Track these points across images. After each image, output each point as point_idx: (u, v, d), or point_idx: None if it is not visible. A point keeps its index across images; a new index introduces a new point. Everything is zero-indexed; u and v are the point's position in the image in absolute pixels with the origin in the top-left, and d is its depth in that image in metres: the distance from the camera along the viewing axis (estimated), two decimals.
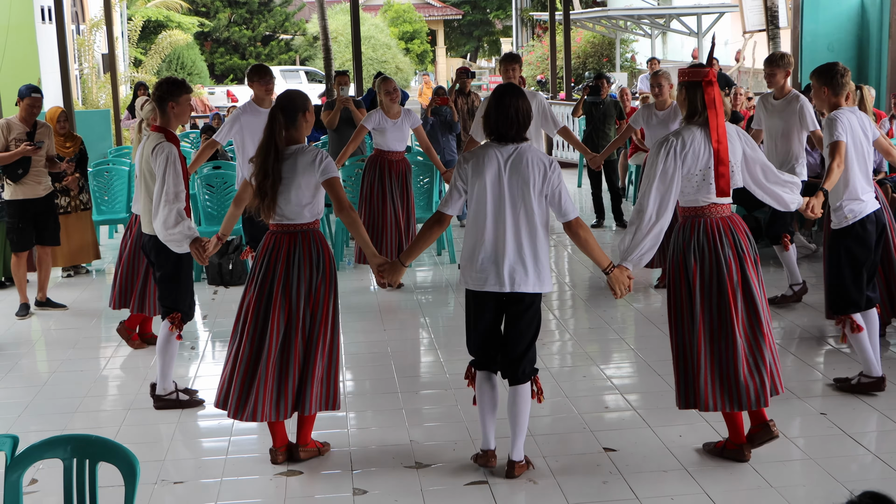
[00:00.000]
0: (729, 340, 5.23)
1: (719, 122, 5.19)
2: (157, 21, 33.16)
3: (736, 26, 28.49)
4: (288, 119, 5.38)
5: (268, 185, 5.31)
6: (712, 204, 5.24)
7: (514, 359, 5.23)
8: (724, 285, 5.21)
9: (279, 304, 5.40)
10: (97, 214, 11.38)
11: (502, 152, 5.10)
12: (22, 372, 7.54)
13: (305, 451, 5.63)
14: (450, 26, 53.40)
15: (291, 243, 5.43)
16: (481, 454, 5.41)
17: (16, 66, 18.17)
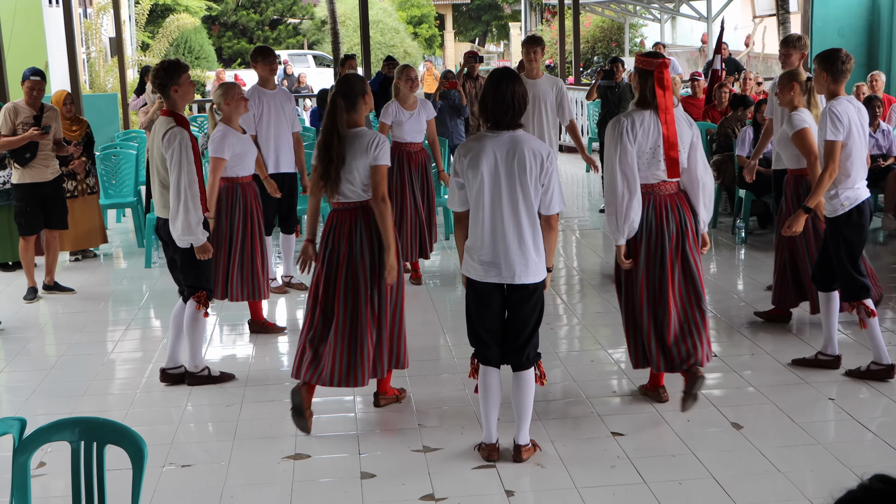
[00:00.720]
0: (665, 308, 5.78)
1: (668, 107, 5.66)
2: (165, 5, 33.15)
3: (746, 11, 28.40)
4: (348, 104, 5.64)
5: (332, 168, 5.57)
6: (662, 181, 5.73)
7: (518, 346, 5.25)
8: (665, 258, 5.75)
9: (346, 277, 5.68)
10: (105, 198, 11.38)
11: (498, 142, 5.07)
12: (30, 355, 7.56)
13: (385, 399, 6.16)
14: (458, 10, 53.25)
15: (353, 220, 5.70)
16: (484, 446, 5.39)
17: (23, 50, 18.17)
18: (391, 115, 8.92)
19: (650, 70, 5.69)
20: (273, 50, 8.82)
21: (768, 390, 6.25)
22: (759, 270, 9.28)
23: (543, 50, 8.94)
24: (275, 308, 8.56)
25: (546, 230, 5.18)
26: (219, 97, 7.47)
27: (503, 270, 5.09)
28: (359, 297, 5.66)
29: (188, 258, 6.47)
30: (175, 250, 6.50)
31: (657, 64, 5.68)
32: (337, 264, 5.70)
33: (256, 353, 7.41)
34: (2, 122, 8.78)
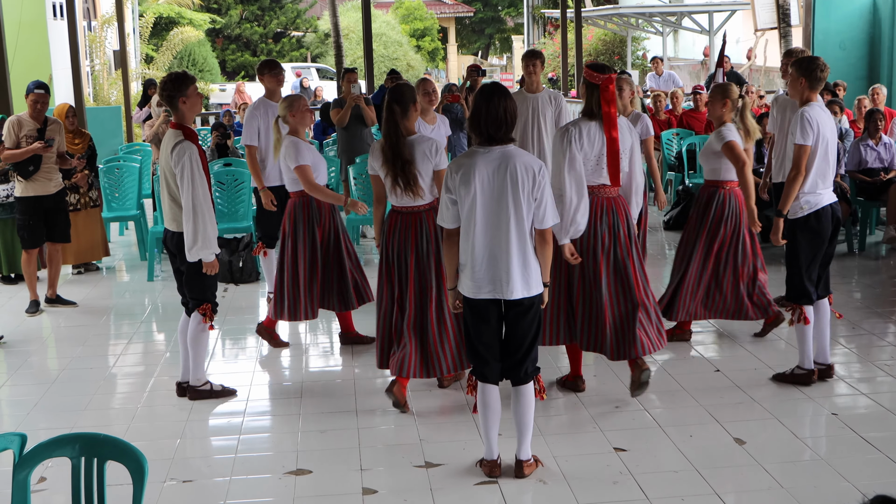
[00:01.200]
0: (599, 299, 6.22)
1: (613, 121, 6.02)
2: (169, 17, 33.19)
3: (748, 24, 28.43)
4: (403, 110, 6.02)
5: (409, 168, 5.99)
6: (602, 185, 6.15)
7: (516, 361, 5.22)
8: (598, 255, 6.19)
9: (416, 278, 6.16)
10: (108, 211, 11.38)
11: (489, 157, 5.04)
12: (31, 369, 7.55)
13: (447, 380, 6.69)
14: (461, 23, 53.34)
15: (418, 223, 6.16)
16: (486, 463, 5.37)
17: (27, 63, 18.22)
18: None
19: (596, 84, 6.03)
20: (279, 63, 8.81)
21: (771, 405, 6.24)
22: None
23: (543, 64, 8.90)
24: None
25: (541, 244, 5.15)
26: (284, 109, 7.39)
27: (497, 286, 5.05)
28: (425, 296, 6.16)
29: (194, 271, 6.47)
30: (182, 262, 6.51)
31: (603, 78, 6.01)
32: (406, 265, 6.15)
33: (258, 368, 7.40)
34: (6, 135, 8.79)
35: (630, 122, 8.82)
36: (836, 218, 6.47)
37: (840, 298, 8.49)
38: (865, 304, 8.61)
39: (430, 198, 6.15)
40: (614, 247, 6.20)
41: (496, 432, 5.31)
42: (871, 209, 10.84)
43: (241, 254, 10.00)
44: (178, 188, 6.28)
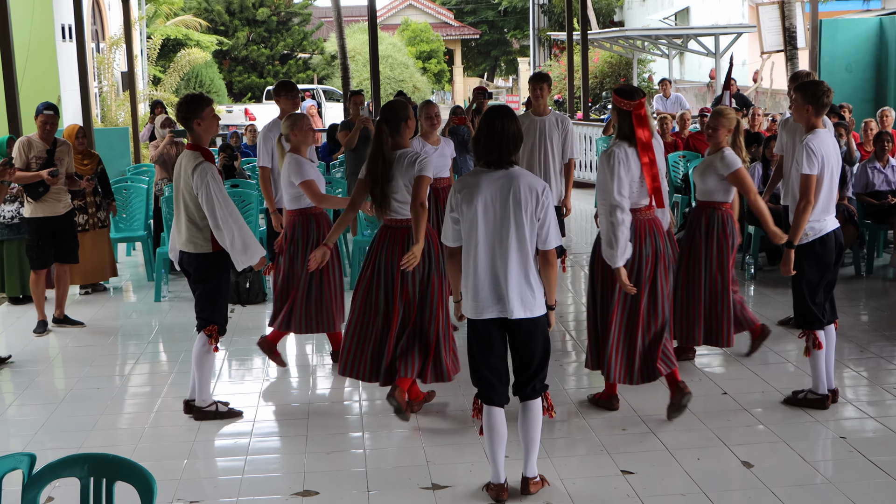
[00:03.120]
0: (634, 327, 6.26)
1: (648, 143, 6.05)
2: (177, 39, 33.31)
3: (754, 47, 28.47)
4: (392, 129, 6.18)
5: (378, 190, 6.18)
6: (644, 207, 6.18)
7: (526, 379, 5.21)
8: (641, 281, 6.18)
9: (401, 291, 6.30)
10: (115, 232, 11.41)
11: (493, 178, 5.06)
12: (39, 389, 7.56)
13: (417, 404, 6.63)
14: (467, 45, 53.51)
15: (405, 237, 6.27)
16: (493, 486, 5.32)
17: (36, 84, 18.28)
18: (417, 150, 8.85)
19: (628, 111, 6.08)
20: (295, 85, 8.79)
21: (779, 428, 6.23)
22: (769, 306, 9.27)
23: (550, 87, 8.92)
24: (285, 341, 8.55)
25: (545, 266, 5.14)
26: (287, 128, 7.44)
27: (500, 306, 5.05)
28: (410, 306, 6.31)
29: (207, 291, 6.51)
30: (195, 282, 6.54)
31: (634, 105, 6.07)
32: (393, 280, 6.28)
33: (265, 389, 7.40)
34: (15, 155, 8.82)
35: None
36: (839, 243, 6.48)
37: (847, 321, 8.49)
38: (873, 327, 8.59)
39: None
40: (655, 271, 6.24)
41: (503, 455, 5.28)
42: (878, 232, 10.83)
43: (247, 275, 10.01)
44: (196, 209, 6.31)
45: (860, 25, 18.69)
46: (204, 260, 6.45)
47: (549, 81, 8.88)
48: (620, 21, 42.77)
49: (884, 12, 23.00)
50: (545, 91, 8.75)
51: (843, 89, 17.50)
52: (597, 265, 6.34)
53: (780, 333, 8.21)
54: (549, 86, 8.86)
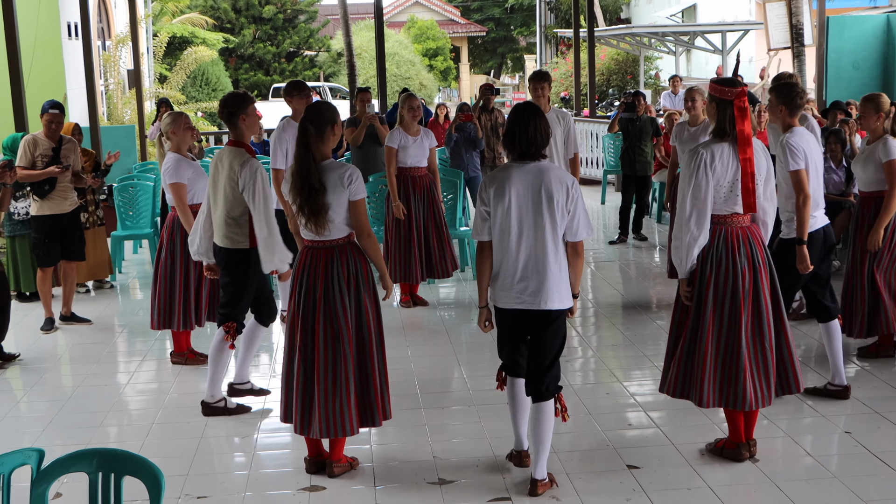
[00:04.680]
0: (735, 345, 5.48)
1: (748, 139, 5.39)
2: (183, 37, 33.34)
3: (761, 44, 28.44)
4: (317, 131, 5.36)
5: (315, 198, 5.31)
6: (735, 213, 5.48)
7: (538, 374, 5.26)
8: (738, 293, 5.46)
9: (323, 322, 5.44)
10: (122, 229, 11.45)
11: (524, 171, 5.17)
12: (47, 386, 7.59)
13: (339, 467, 5.63)
14: (473, 43, 53.47)
15: (328, 258, 5.46)
16: (515, 454, 5.64)
17: (42, 82, 18.33)
18: (396, 140, 9.20)
19: (729, 100, 5.43)
20: (307, 84, 8.85)
21: (783, 423, 6.24)
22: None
23: (550, 85, 8.97)
24: None
25: (573, 257, 5.25)
26: (167, 126, 7.57)
27: (531, 297, 5.15)
28: (339, 342, 5.42)
29: (233, 288, 6.57)
30: (225, 275, 6.59)
31: (736, 93, 5.41)
32: (314, 307, 5.45)
33: (272, 385, 7.42)
34: (21, 154, 8.85)
35: (702, 129, 8.90)
36: (828, 240, 6.51)
37: None
38: None
39: (343, 231, 5.46)
40: (755, 284, 5.50)
41: (525, 424, 5.50)
42: None
43: None
44: (236, 204, 6.35)
45: (867, 22, 18.66)
46: (236, 255, 6.48)
47: (549, 80, 8.93)
48: (627, 18, 42.75)
49: (891, 9, 22.95)
50: (546, 90, 8.80)
51: (850, 86, 17.48)
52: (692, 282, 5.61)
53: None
54: (550, 84, 8.91)
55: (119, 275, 11.37)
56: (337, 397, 5.42)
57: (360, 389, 5.51)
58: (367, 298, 5.51)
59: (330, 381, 5.43)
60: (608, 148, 16.17)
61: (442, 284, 10.50)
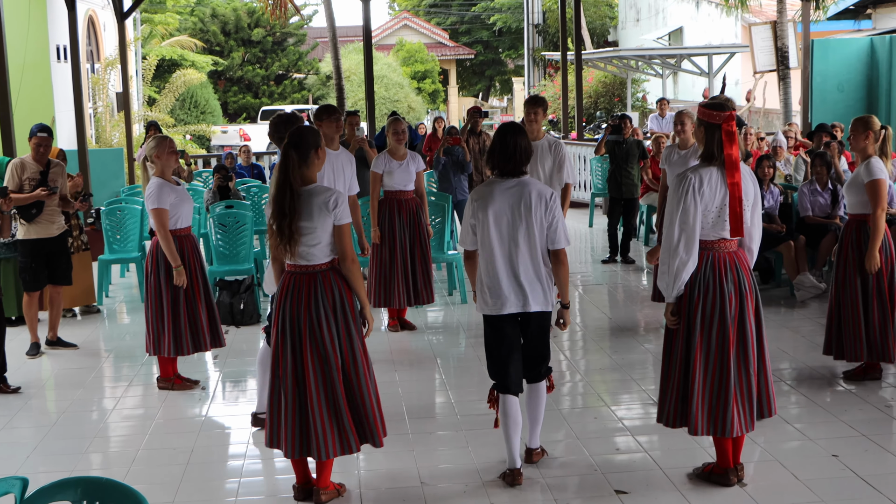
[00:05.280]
0: (724, 371, 5.50)
1: (736, 164, 5.40)
2: (172, 60, 33.37)
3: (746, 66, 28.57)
4: (301, 156, 5.34)
5: (285, 224, 5.29)
6: (722, 239, 5.50)
7: (534, 365, 5.84)
8: (725, 319, 5.48)
9: (311, 347, 5.40)
10: (109, 253, 11.42)
11: (506, 186, 5.65)
12: (31, 412, 7.55)
13: (326, 494, 5.59)
14: (462, 65, 53.62)
15: (311, 284, 5.42)
16: (508, 473, 5.77)
17: (31, 105, 18.32)
18: (381, 165, 9.25)
19: (717, 124, 5.42)
20: (336, 108, 8.84)
21: (771, 447, 6.24)
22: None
23: (545, 111, 8.83)
24: None
25: (556, 265, 5.69)
26: (151, 149, 7.60)
27: (515, 301, 5.63)
28: (328, 367, 5.40)
29: None
30: None
31: (724, 117, 5.40)
32: (300, 333, 5.41)
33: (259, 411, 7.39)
34: (9, 177, 8.82)
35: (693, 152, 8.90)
36: None
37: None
38: None
39: (327, 256, 5.43)
40: (741, 310, 5.50)
41: (518, 442, 5.71)
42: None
43: (242, 296, 10.02)
44: None
45: (851, 45, 18.78)
46: None
47: (544, 106, 8.80)
48: (615, 41, 42.94)
49: (874, 32, 23.12)
50: (540, 115, 8.68)
51: (834, 109, 17.57)
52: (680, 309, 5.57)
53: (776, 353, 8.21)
54: (545, 110, 8.79)
55: (106, 299, 11.33)
56: (335, 417, 5.43)
57: (353, 412, 5.50)
58: (353, 323, 5.48)
59: (325, 403, 5.41)
60: (596, 171, 16.20)
61: (430, 308, 10.48)
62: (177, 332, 7.70)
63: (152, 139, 7.76)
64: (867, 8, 25.34)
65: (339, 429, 5.43)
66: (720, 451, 5.67)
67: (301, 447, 5.47)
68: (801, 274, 10.26)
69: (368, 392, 5.52)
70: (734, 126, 5.41)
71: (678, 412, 5.61)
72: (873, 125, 7.25)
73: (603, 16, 43.29)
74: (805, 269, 10.34)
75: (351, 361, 5.47)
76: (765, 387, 5.62)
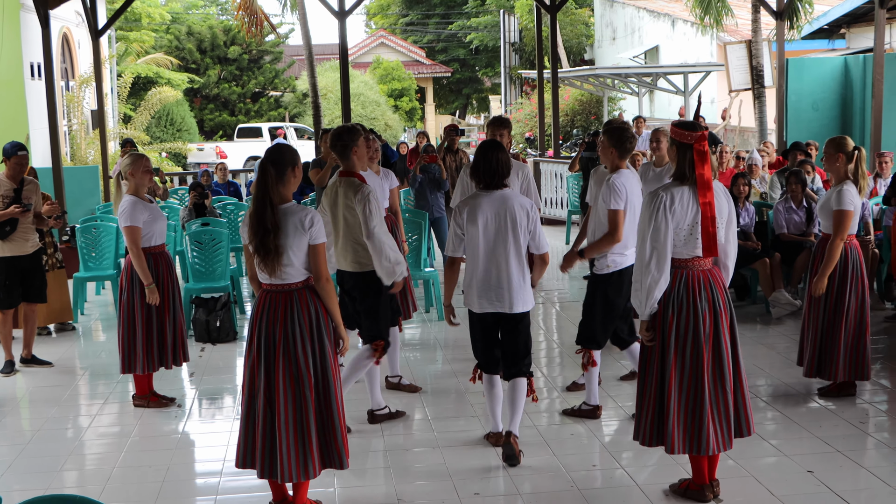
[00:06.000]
0: (698, 389, 5.51)
1: (708, 183, 5.39)
2: (147, 77, 33.29)
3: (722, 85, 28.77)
4: (278, 172, 5.32)
5: (270, 240, 5.23)
6: (696, 257, 5.50)
7: (513, 363, 6.40)
8: (699, 337, 5.50)
9: (284, 366, 5.36)
10: (84, 271, 11.36)
11: (491, 199, 6.21)
12: (5, 430, 7.49)
13: None
14: (439, 83, 53.77)
15: (288, 303, 5.39)
16: (492, 435, 6.64)
17: (5, 122, 18.22)
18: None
19: (689, 143, 5.43)
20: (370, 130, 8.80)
21: (747, 463, 6.25)
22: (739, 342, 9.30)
23: (510, 132, 8.58)
24: None
25: (540, 265, 6.38)
26: (126, 166, 7.59)
27: (500, 302, 6.24)
28: (300, 386, 5.36)
29: (374, 307, 6.98)
30: (361, 301, 6.97)
31: (696, 137, 5.41)
32: (274, 352, 5.37)
33: (235, 428, 7.36)
34: None
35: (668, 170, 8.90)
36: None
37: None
38: None
39: (302, 275, 5.40)
40: (716, 328, 5.51)
41: (500, 410, 6.53)
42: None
43: (218, 313, 9.99)
44: (359, 228, 6.71)
45: (826, 65, 18.94)
46: (369, 277, 6.87)
47: (507, 126, 8.41)
48: (591, 59, 43.17)
49: (849, 52, 23.34)
50: (505, 137, 8.46)
51: (809, 127, 17.72)
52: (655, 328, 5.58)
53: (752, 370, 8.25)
54: (510, 131, 8.55)
55: (81, 316, 11.27)
56: (300, 440, 5.37)
57: (322, 432, 5.46)
58: (328, 342, 5.46)
59: (292, 425, 5.36)
60: (573, 188, 16.25)
61: (407, 325, 10.46)
62: (148, 350, 7.68)
63: (128, 156, 7.74)
64: (841, 27, 25.58)
65: (302, 452, 5.38)
66: (696, 467, 5.68)
67: (271, 468, 5.43)
68: (776, 291, 10.31)
69: (337, 413, 5.47)
70: (706, 146, 5.42)
71: (654, 431, 5.61)
72: (846, 147, 7.31)
73: (579, 34, 43.50)
74: (780, 286, 10.39)
75: (322, 381, 5.43)
76: (742, 405, 5.63)
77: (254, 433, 5.46)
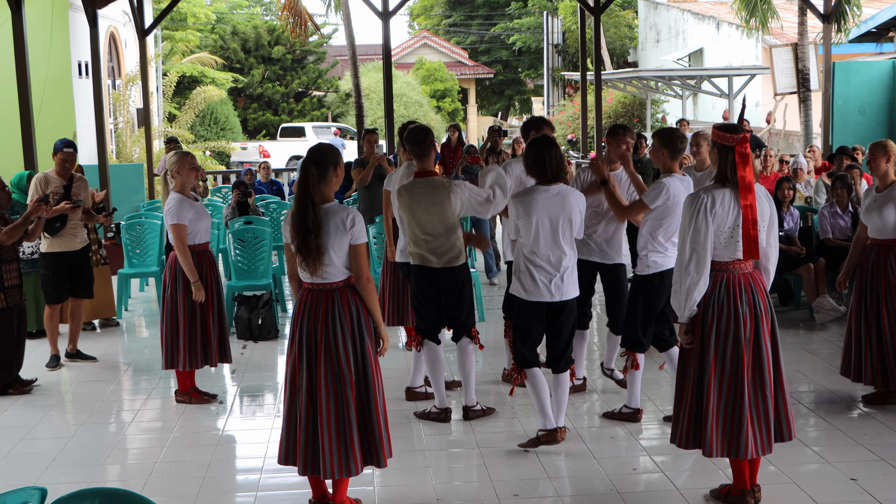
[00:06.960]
0: (738, 393, 5.45)
1: (750, 185, 5.36)
2: (192, 77, 33.54)
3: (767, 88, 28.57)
4: (320, 172, 5.34)
5: (311, 239, 5.27)
6: (737, 260, 5.46)
7: (558, 353, 6.59)
8: (740, 341, 5.44)
9: (325, 365, 5.38)
10: (129, 267, 11.48)
11: (548, 193, 6.48)
12: (51, 423, 7.58)
13: None
14: (481, 85, 53.76)
15: (329, 302, 5.42)
16: (546, 433, 6.52)
17: (53, 120, 18.43)
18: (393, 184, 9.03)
19: (731, 146, 5.41)
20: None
21: (789, 470, 6.20)
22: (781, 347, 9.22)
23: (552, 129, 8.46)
24: None
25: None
26: (172, 164, 7.64)
27: (552, 291, 6.47)
28: (342, 385, 5.38)
29: (468, 299, 7.23)
30: (459, 293, 7.18)
31: (738, 139, 5.40)
32: (315, 350, 5.41)
33: (276, 426, 7.40)
34: (33, 191, 8.89)
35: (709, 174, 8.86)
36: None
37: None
38: None
39: (343, 274, 5.43)
40: (756, 331, 5.47)
41: (549, 405, 6.54)
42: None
43: (260, 311, 10.05)
44: (449, 217, 6.94)
45: (873, 68, 18.74)
46: (461, 270, 7.13)
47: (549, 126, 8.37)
48: (634, 61, 42.97)
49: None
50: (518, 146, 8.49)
51: (856, 131, 17.53)
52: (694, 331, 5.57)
53: (794, 376, 8.19)
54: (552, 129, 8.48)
55: (125, 312, 11.39)
56: (342, 438, 5.40)
57: (363, 430, 5.48)
58: (368, 341, 5.48)
59: (334, 422, 5.39)
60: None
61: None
62: (191, 346, 7.74)
63: (173, 154, 7.81)
64: (889, 31, 25.28)
65: (344, 449, 5.41)
66: (737, 472, 5.64)
67: (313, 465, 5.46)
68: (820, 296, 10.22)
69: (378, 411, 5.50)
70: (748, 148, 5.39)
71: (691, 433, 5.60)
72: (891, 149, 7.24)
73: (623, 36, 43.28)
74: (825, 291, 10.30)
75: (363, 379, 5.46)
76: (783, 410, 5.58)
77: (296, 430, 5.49)
